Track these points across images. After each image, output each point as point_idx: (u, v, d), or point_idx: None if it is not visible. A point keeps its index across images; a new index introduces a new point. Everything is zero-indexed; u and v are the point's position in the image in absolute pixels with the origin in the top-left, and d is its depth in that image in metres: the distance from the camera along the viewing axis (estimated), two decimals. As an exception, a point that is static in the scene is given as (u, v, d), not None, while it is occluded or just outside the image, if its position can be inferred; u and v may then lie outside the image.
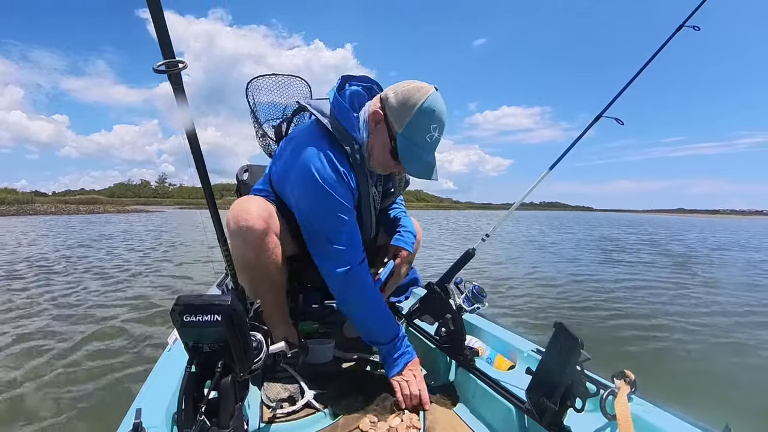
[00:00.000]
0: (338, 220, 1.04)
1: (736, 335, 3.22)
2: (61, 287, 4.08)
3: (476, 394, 1.08)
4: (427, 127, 1.00)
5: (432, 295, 1.18)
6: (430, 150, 1.04)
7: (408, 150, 1.03)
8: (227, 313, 0.65)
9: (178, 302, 0.65)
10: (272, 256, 1.07)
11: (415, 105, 0.99)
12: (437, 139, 1.03)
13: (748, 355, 2.80)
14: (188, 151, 0.55)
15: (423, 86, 1.02)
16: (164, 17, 0.43)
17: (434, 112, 1.00)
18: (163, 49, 0.44)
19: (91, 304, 3.44)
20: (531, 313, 3.71)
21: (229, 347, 0.68)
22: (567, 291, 4.75)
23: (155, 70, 0.45)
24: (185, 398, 0.68)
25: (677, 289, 4.95)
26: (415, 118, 0.99)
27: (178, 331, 0.66)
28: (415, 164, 1.04)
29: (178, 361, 0.97)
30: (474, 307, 1.16)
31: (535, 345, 1.16)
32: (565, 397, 0.77)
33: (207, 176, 0.61)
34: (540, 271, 6.24)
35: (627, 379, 0.82)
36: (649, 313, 3.82)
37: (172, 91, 0.47)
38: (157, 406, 0.79)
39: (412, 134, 1.01)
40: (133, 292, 3.94)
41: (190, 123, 0.51)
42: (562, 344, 0.80)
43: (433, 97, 1.00)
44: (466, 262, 1.24)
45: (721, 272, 6.62)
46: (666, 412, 0.80)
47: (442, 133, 1.03)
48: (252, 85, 1.44)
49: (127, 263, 5.87)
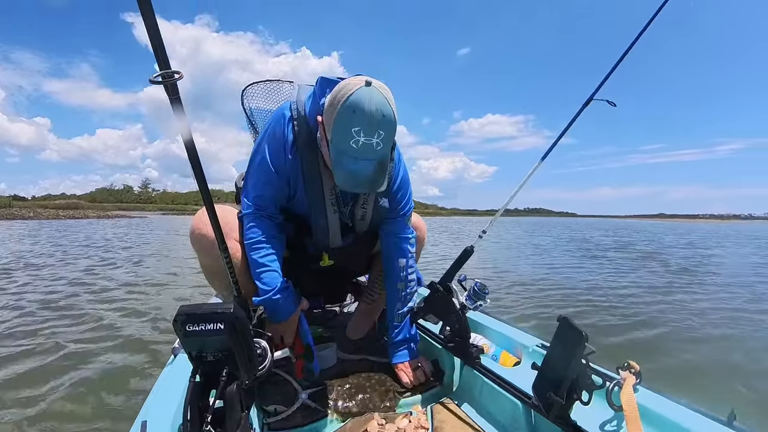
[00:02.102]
0: (259, 176, 1.08)
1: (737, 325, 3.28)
2: (62, 295, 4.06)
3: (483, 392, 1.08)
4: (347, 130, 0.85)
5: (435, 295, 1.18)
6: (357, 157, 0.87)
7: (336, 158, 0.89)
8: (230, 321, 0.64)
9: (180, 312, 0.64)
10: (232, 261, 1.04)
11: (336, 106, 0.86)
12: (367, 145, 0.85)
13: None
14: (187, 160, 0.56)
15: (350, 82, 0.87)
16: (159, 30, 0.43)
17: (354, 113, 0.84)
18: (158, 60, 0.44)
19: (91, 316, 3.41)
20: (529, 308, 3.73)
21: (233, 355, 0.68)
22: (566, 287, 4.78)
23: (151, 81, 0.45)
24: (190, 409, 0.68)
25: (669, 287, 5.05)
26: (336, 121, 0.86)
27: (181, 341, 0.66)
28: (339, 173, 0.89)
29: (182, 371, 0.96)
30: (477, 305, 1.16)
31: (539, 340, 1.16)
32: (571, 390, 0.77)
33: (206, 184, 0.61)
34: (527, 271, 6.28)
35: (632, 370, 0.83)
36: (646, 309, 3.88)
37: (168, 101, 0.47)
38: (162, 418, 0.78)
39: (336, 141, 0.87)
40: (134, 303, 3.91)
41: (188, 132, 0.51)
42: (567, 338, 0.80)
43: (357, 95, 0.84)
44: (466, 260, 1.24)
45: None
46: (672, 401, 0.81)
47: (374, 136, 0.85)
48: (247, 92, 1.45)
49: (126, 273, 5.84)
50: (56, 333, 2.93)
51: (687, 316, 3.63)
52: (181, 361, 1.02)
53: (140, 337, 2.88)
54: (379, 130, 0.85)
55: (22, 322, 3.20)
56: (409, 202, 1.24)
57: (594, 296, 4.46)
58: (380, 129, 0.86)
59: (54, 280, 5.04)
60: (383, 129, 0.86)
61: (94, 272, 5.70)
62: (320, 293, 1.67)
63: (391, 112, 0.87)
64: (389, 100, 0.87)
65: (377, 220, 1.22)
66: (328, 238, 1.17)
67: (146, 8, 0.41)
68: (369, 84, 0.85)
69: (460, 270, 1.24)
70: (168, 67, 0.45)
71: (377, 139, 0.86)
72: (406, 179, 1.21)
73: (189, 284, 4.85)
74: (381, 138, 0.86)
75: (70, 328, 3.06)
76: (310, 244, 1.22)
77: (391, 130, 0.88)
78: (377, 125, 0.85)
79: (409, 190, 1.23)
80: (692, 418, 0.75)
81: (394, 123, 0.88)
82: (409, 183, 1.22)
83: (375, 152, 0.87)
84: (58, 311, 3.55)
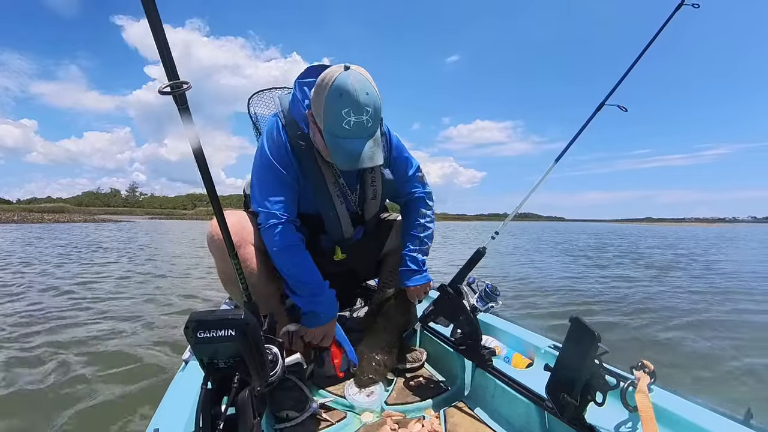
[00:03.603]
0: (272, 185, 1.07)
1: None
2: (66, 303, 4.11)
3: (496, 394, 1.07)
4: (338, 114, 0.92)
5: (445, 297, 1.17)
6: (352, 137, 0.94)
7: (332, 143, 0.96)
8: (241, 327, 0.65)
9: (191, 319, 0.65)
10: (249, 267, 1.06)
11: (323, 95, 0.93)
12: (358, 124, 0.92)
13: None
14: (196, 168, 0.56)
15: (330, 71, 0.94)
16: (168, 41, 0.44)
17: (341, 96, 0.91)
18: (167, 71, 0.45)
19: (102, 323, 3.45)
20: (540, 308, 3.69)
21: (244, 362, 0.68)
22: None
23: (161, 91, 0.46)
24: (203, 416, 0.68)
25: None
26: (326, 108, 0.93)
27: (193, 348, 0.66)
28: (338, 156, 0.96)
29: (194, 378, 0.97)
30: (488, 306, 1.16)
31: (552, 341, 1.15)
32: (585, 391, 0.76)
33: (215, 191, 0.61)
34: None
35: (646, 370, 0.82)
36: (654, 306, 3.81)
37: (177, 111, 0.48)
38: (174, 425, 0.79)
39: (329, 126, 0.94)
40: (145, 308, 3.95)
41: (197, 141, 0.52)
42: (579, 338, 0.80)
43: (340, 80, 0.91)
44: (478, 261, 1.22)
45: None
46: (687, 401, 0.79)
47: (363, 114, 0.92)
48: (254, 99, 1.47)
49: (132, 276, 5.89)
50: (65, 338, 2.96)
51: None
52: (192, 369, 1.03)
53: (153, 344, 2.90)
54: (366, 107, 0.92)
55: (30, 323, 3.24)
56: (412, 162, 1.28)
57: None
58: (367, 106, 0.92)
59: (53, 281, 5.10)
60: (369, 106, 0.93)
61: (101, 274, 5.76)
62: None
63: (373, 89, 0.94)
64: (369, 79, 0.94)
65: (389, 193, 1.28)
66: (341, 228, 1.20)
67: (154, 20, 0.41)
68: (347, 68, 0.92)
69: (470, 272, 1.23)
70: (176, 78, 0.46)
71: (366, 117, 0.93)
72: (400, 145, 1.25)
73: (201, 287, 4.88)
74: (369, 115, 0.93)
75: (79, 331, 3.09)
76: (324, 239, 1.25)
77: (377, 106, 0.95)
78: (364, 103, 0.92)
79: (406, 151, 1.27)
80: (708, 418, 0.74)
81: (378, 99, 0.95)
82: (403, 146, 1.26)
83: (366, 129, 0.94)
84: (62, 319, 3.59)
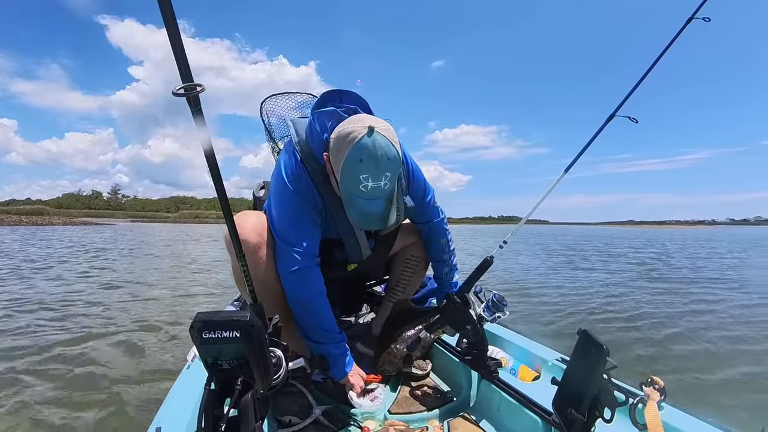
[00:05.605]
0: (297, 224, 1.07)
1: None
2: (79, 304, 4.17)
3: (501, 407, 1.05)
4: (356, 177, 0.91)
5: (452, 306, 1.16)
6: (369, 198, 0.93)
7: (347, 197, 0.96)
8: (246, 329, 0.65)
9: (196, 319, 0.65)
10: (268, 269, 1.07)
11: (342, 155, 0.92)
12: (376, 188, 0.92)
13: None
14: (207, 170, 0.57)
15: (353, 131, 0.91)
16: (183, 43, 0.44)
17: (362, 162, 0.89)
18: (181, 73, 0.46)
19: (107, 322, 3.48)
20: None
21: (248, 364, 0.68)
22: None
23: (174, 93, 0.46)
24: (205, 417, 0.68)
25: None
26: (344, 169, 0.92)
27: (197, 348, 0.66)
28: (353, 212, 0.97)
29: (197, 378, 0.98)
30: (495, 316, 1.14)
31: (559, 354, 1.13)
32: (593, 407, 0.75)
33: (225, 194, 0.62)
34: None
35: (656, 386, 0.80)
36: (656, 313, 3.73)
37: (191, 113, 0.48)
38: (177, 425, 0.79)
39: (346, 183, 0.94)
40: (149, 311, 3.98)
41: (209, 143, 0.53)
42: (587, 352, 0.78)
43: (362, 144, 0.89)
44: (485, 270, 1.20)
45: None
46: (698, 420, 0.77)
47: (381, 179, 0.91)
48: (266, 104, 1.49)
49: (140, 277, 5.96)
50: (68, 337, 3.00)
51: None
52: (196, 369, 1.04)
53: (156, 343, 2.92)
54: (385, 173, 0.91)
55: (31, 323, 3.29)
56: (429, 189, 1.28)
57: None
58: (387, 172, 0.91)
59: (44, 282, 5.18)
60: (389, 171, 0.92)
61: (102, 269, 5.84)
62: (337, 303, 1.67)
63: (395, 152, 0.92)
64: (392, 140, 0.92)
65: (405, 216, 1.27)
66: (360, 252, 1.23)
67: (170, 23, 0.42)
68: (372, 130, 0.89)
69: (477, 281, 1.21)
70: (191, 80, 0.47)
71: (385, 181, 0.92)
72: (418, 172, 1.24)
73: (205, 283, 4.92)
74: (388, 179, 0.92)
75: (83, 331, 3.13)
76: (339, 253, 1.25)
77: (396, 168, 0.93)
78: (383, 170, 0.91)
79: (422, 178, 1.26)
80: (722, 438, 0.71)
81: (398, 160, 0.94)
82: (421, 172, 1.25)
83: (383, 192, 0.94)
84: (62, 314, 3.64)
